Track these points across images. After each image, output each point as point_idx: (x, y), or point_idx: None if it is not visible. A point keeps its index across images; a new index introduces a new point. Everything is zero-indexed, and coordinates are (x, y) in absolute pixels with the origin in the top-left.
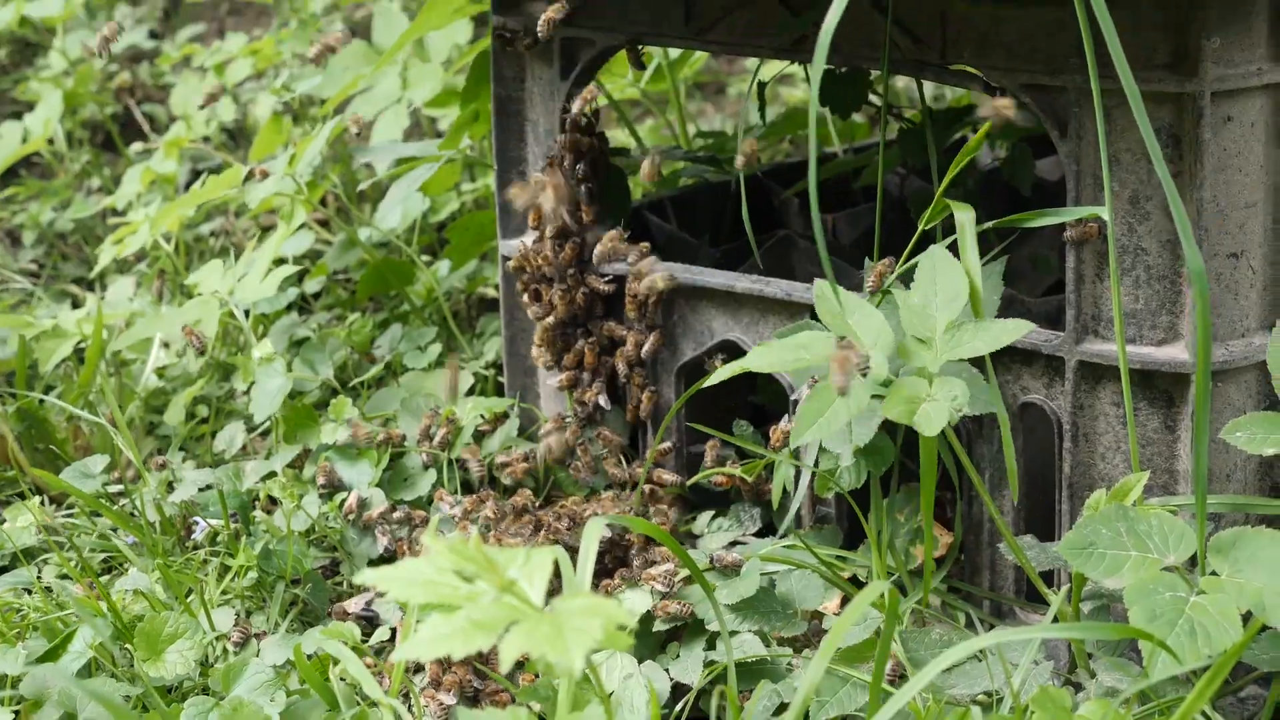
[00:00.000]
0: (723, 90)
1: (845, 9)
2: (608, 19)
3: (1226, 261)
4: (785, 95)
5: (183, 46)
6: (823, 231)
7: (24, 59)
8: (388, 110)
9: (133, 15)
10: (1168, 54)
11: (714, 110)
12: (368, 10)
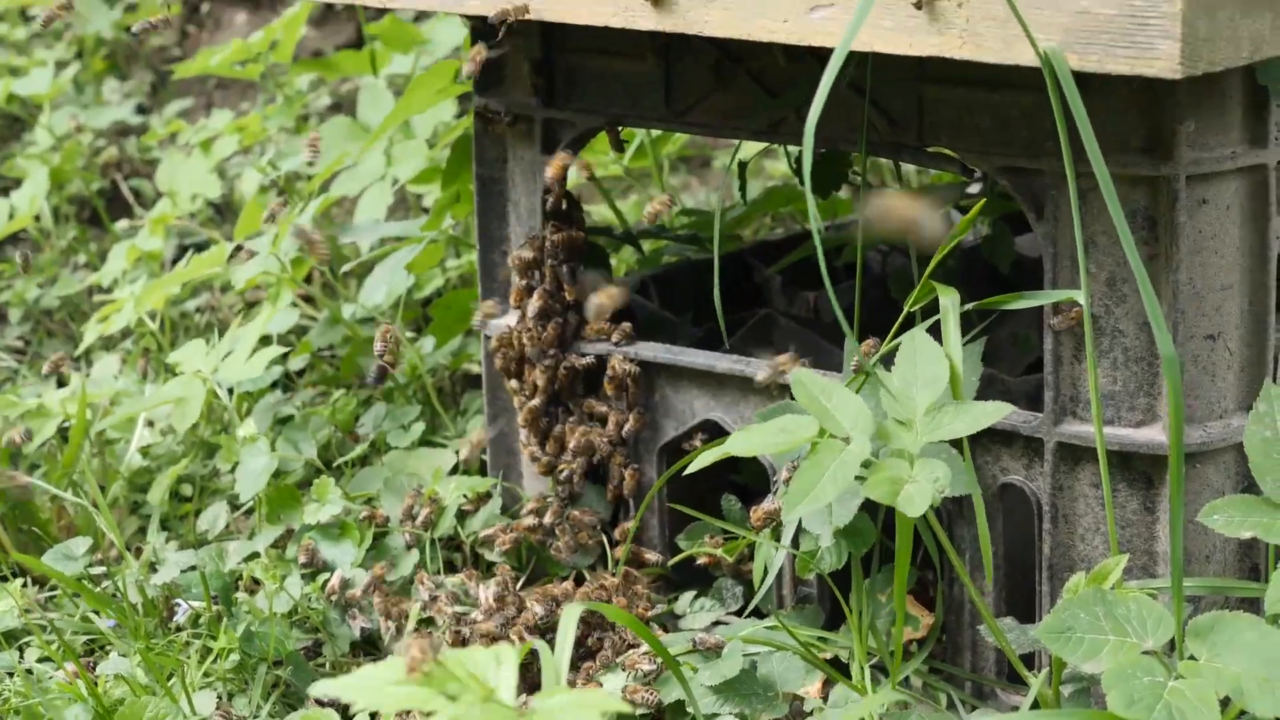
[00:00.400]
0: (707, 164)
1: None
2: (588, 101)
3: (1204, 343)
4: (769, 169)
5: (169, 122)
6: (804, 310)
7: (11, 134)
8: (372, 187)
9: (121, 90)
10: (1143, 138)
11: (698, 183)
12: (354, 84)
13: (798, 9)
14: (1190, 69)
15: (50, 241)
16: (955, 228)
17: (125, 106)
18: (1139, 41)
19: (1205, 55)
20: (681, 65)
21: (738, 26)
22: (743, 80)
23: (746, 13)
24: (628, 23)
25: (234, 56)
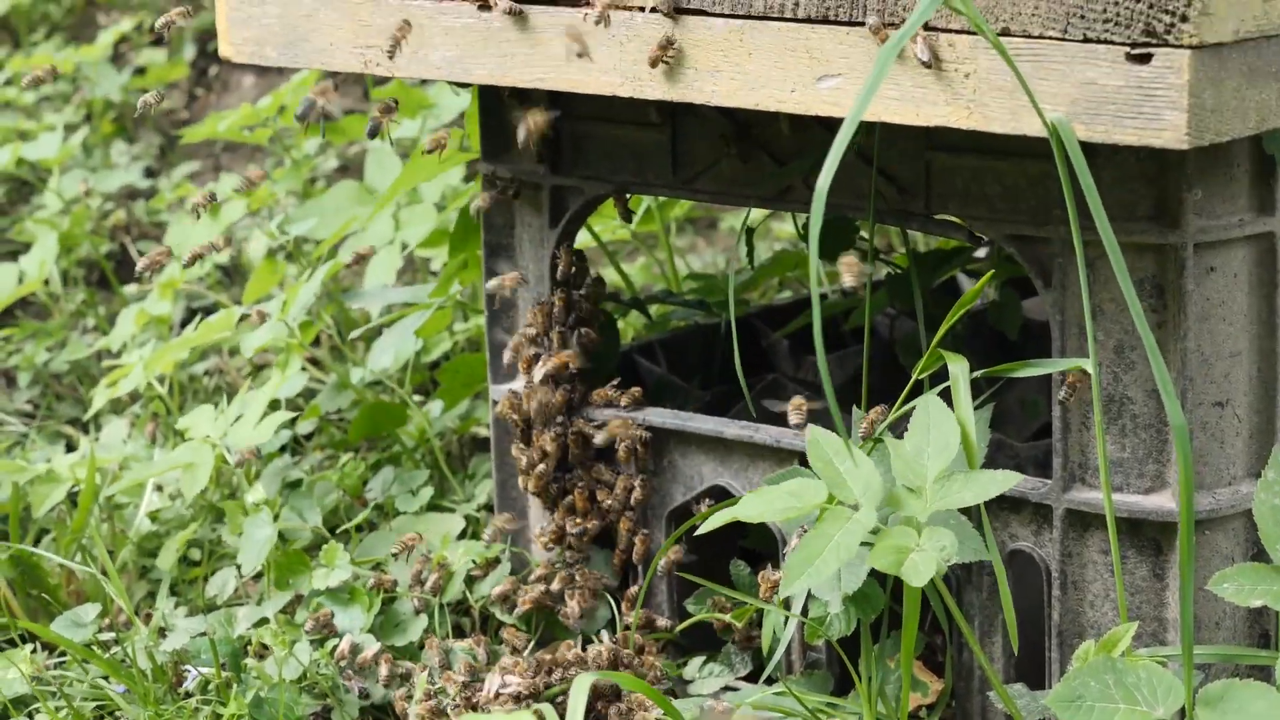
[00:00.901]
0: (714, 225)
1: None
2: (595, 168)
3: (1212, 410)
4: (775, 230)
5: (177, 186)
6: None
7: (20, 197)
8: (380, 251)
9: (129, 152)
10: (1150, 206)
11: (705, 245)
12: (361, 147)
13: (805, 79)
14: (1197, 140)
15: (59, 305)
16: (964, 296)
17: (134, 170)
18: (1146, 112)
19: (1212, 126)
20: (688, 133)
21: (745, 96)
22: (750, 148)
23: (754, 83)
24: (635, 92)
25: (242, 121)
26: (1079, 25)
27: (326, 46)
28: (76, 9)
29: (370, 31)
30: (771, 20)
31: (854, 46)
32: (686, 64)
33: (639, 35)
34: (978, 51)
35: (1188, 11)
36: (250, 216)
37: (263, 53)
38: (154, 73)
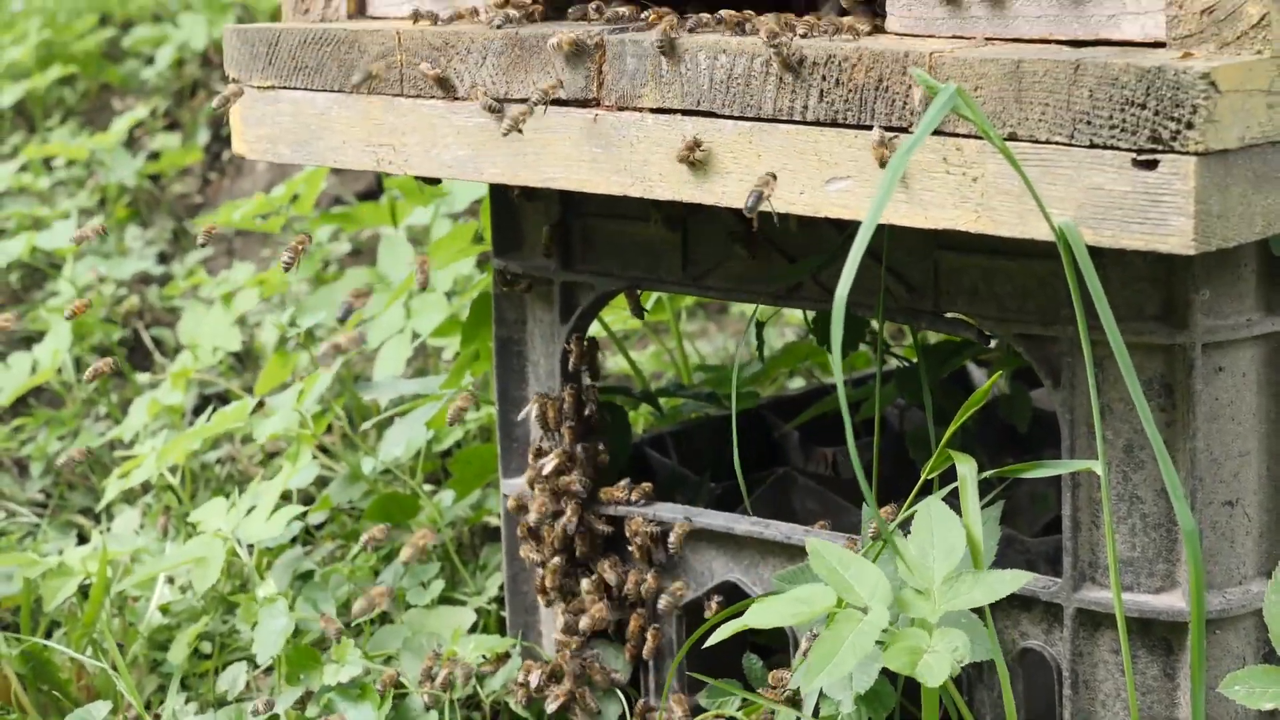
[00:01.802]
0: (725, 309)
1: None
2: (606, 264)
3: (1222, 509)
4: (787, 316)
5: (190, 273)
6: (823, 466)
7: (34, 283)
8: (392, 339)
9: (143, 237)
10: (1158, 306)
11: (716, 330)
12: (375, 232)
13: (814, 181)
14: (1204, 246)
15: (72, 394)
16: (973, 397)
17: (147, 256)
18: (1152, 218)
19: (1219, 232)
20: (698, 230)
21: None
22: (760, 246)
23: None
24: (645, 193)
25: (256, 210)
26: (1085, 131)
27: (339, 145)
28: (91, 94)
29: (382, 130)
30: (781, 123)
31: (862, 150)
32: (696, 165)
33: (649, 136)
34: (985, 156)
35: (1193, 119)
36: (263, 302)
37: (276, 150)
38: (168, 157)
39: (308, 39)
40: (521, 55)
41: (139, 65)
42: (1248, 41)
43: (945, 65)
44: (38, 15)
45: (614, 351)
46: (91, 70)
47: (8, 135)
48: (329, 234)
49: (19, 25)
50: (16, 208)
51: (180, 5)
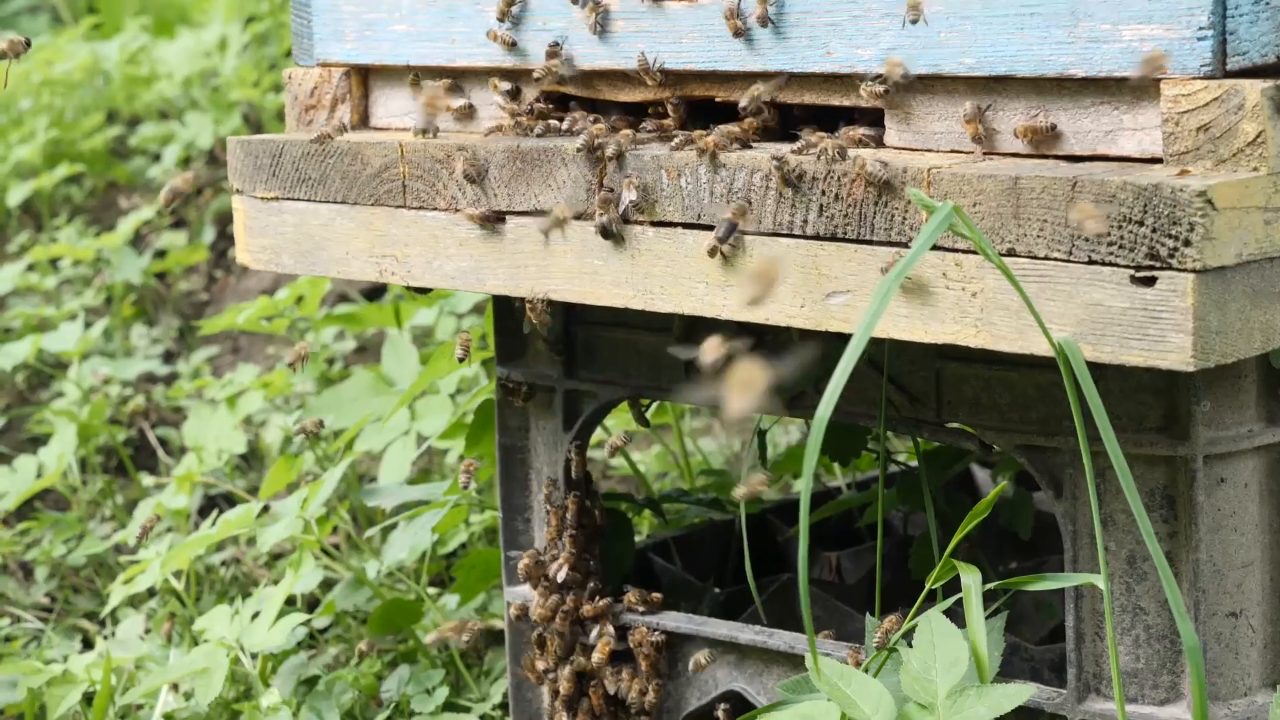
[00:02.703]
0: None
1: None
2: (609, 373)
3: (1225, 621)
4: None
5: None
6: (827, 570)
7: (40, 382)
8: (396, 442)
9: (149, 335)
10: (1159, 417)
11: (720, 427)
12: (380, 331)
13: (814, 295)
14: (1203, 362)
15: (77, 496)
16: (975, 509)
17: (153, 357)
18: (1151, 335)
19: (1218, 348)
20: (700, 339)
21: (755, 311)
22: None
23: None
24: (647, 305)
25: (260, 313)
26: (1084, 247)
27: (342, 256)
28: (98, 191)
29: (385, 241)
30: (781, 237)
31: (862, 264)
32: (697, 278)
33: (650, 249)
34: (985, 271)
35: (1190, 236)
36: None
37: (279, 260)
38: (174, 256)
39: (311, 151)
40: (523, 168)
41: (145, 163)
42: (1244, 158)
43: (943, 181)
44: (45, 113)
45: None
46: (98, 168)
47: (15, 234)
48: (335, 333)
49: (27, 123)
50: (23, 307)
51: (187, 103)
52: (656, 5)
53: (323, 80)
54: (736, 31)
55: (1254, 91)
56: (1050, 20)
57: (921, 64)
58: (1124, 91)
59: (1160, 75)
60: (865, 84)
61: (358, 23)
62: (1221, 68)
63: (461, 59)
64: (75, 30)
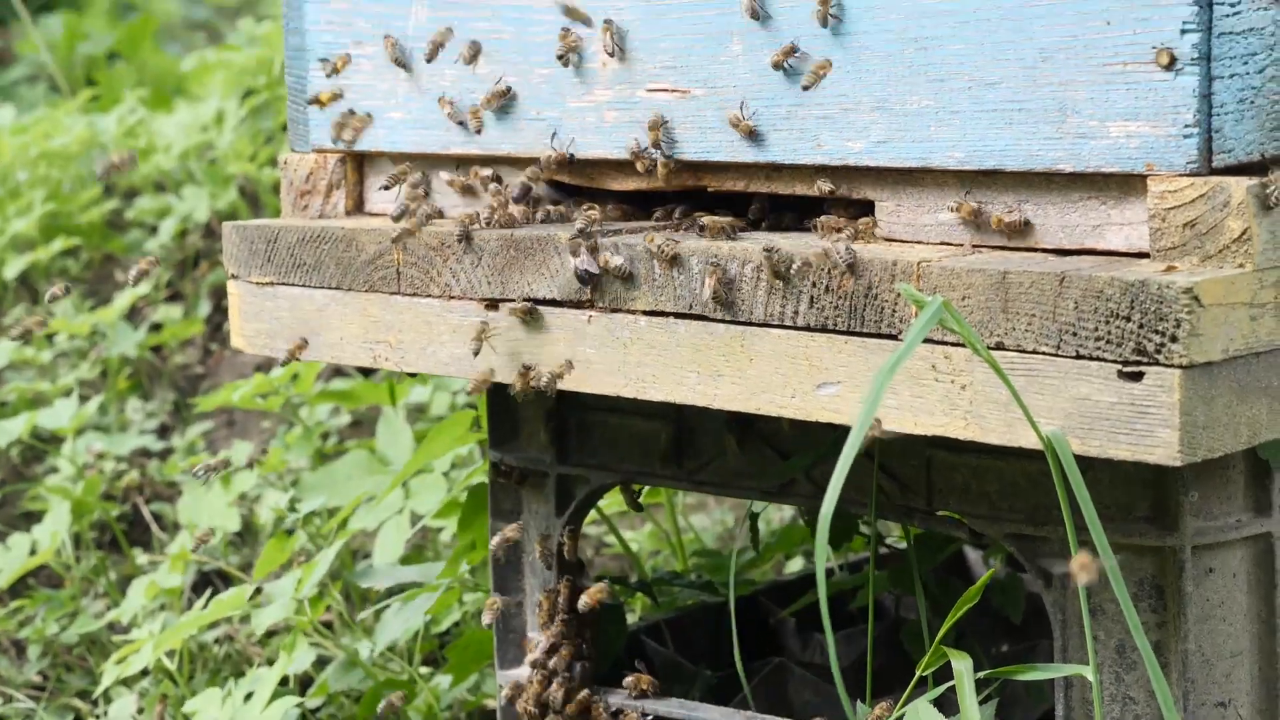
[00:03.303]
0: None
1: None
2: (602, 457)
3: (1214, 711)
4: None
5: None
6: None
7: (34, 456)
8: (390, 520)
9: (144, 409)
10: (1148, 507)
11: (715, 503)
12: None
13: (805, 386)
14: (1190, 457)
15: (70, 574)
16: (966, 594)
17: (148, 431)
18: (1139, 429)
19: (1204, 443)
20: (692, 426)
21: (746, 401)
22: (753, 442)
23: (755, 388)
24: (638, 394)
25: (255, 390)
26: (1072, 342)
27: (336, 341)
28: (94, 263)
29: (379, 327)
30: (772, 328)
31: (853, 355)
32: (688, 368)
33: (641, 339)
34: (974, 364)
35: (1177, 332)
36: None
37: (274, 345)
38: (170, 329)
39: (306, 237)
40: (516, 257)
41: (142, 235)
42: (1230, 255)
43: (933, 274)
44: (42, 186)
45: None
46: (95, 240)
47: (10, 306)
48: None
49: (24, 196)
50: (18, 382)
51: (184, 175)
52: (649, 95)
53: (318, 166)
54: (747, 131)
55: (1239, 189)
56: (1038, 116)
57: (911, 157)
58: (1111, 186)
59: None
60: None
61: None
62: (1207, 165)
63: (455, 147)
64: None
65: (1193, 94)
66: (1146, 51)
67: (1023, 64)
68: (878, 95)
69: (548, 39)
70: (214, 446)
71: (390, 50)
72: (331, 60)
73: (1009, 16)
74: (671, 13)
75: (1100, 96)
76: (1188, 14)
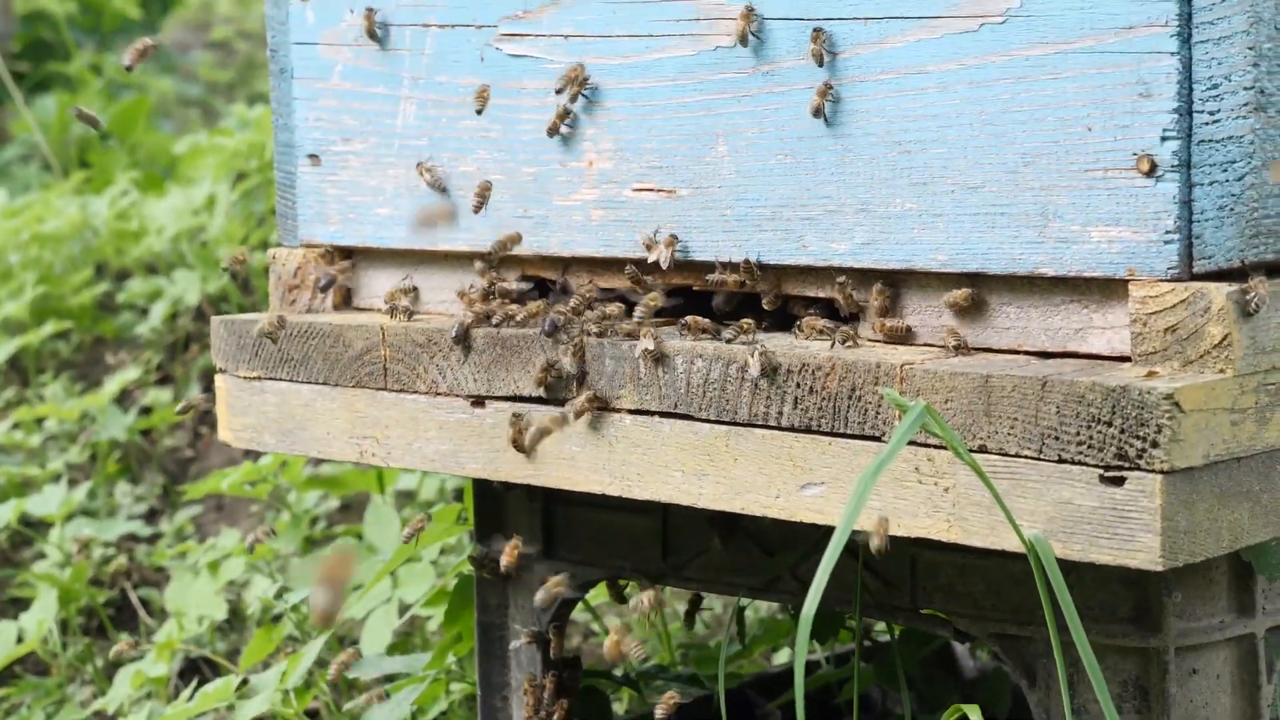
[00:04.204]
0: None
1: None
2: (587, 552)
3: None
4: None
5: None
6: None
7: (22, 540)
8: (377, 610)
9: (132, 493)
10: (1131, 608)
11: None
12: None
13: (789, 486)
14: (1171, 561)
15: (56, 661)
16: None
17: (136, 516)
18: (1121, 534)
19: (1186, 547)
20: (679, 521)
21: (731, 501)
22: (739, 538)
23: (739, 487)
24: (623, 491)
25: (244, 478)
26: (1054, 446)
27: (323, 436)
28: (85, 346)
29: (366, 422)
30: (756, 428)
31: (836, 456)
32: (674, 466)
33: (627, 437)
34: (957, 466)
35: (1158, 438)
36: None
37: (260, 439)
38: (159, 413)
39: (293, 332)
40: (503, 354)
41: (133, 318)
42: (1211, 360)
43: (916, 377)
44: (34, 268)
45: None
46: (85, 323)
47: (1, 389)
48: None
49: (15, 278)
50: (8, 465)
51: (175, 257)
52: (636, 194)
53: (306, 261)
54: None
55: (1219, 295)
56: (1021, 220)
57: (895, 259)
58: (1093, 290)
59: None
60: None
61: (342, 205)
62: (1188, 271)
63: (443, 243)
64: (66, 184)
65: (1173, 200)
66: (1127, 158)
67: (1005, 168)
68: (862, 197)
69: (535, 137)
70: (203, 529)
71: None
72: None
73: (991, 122)
74: (657, 114)
75: (1082, 201)
76: (1168, 121)
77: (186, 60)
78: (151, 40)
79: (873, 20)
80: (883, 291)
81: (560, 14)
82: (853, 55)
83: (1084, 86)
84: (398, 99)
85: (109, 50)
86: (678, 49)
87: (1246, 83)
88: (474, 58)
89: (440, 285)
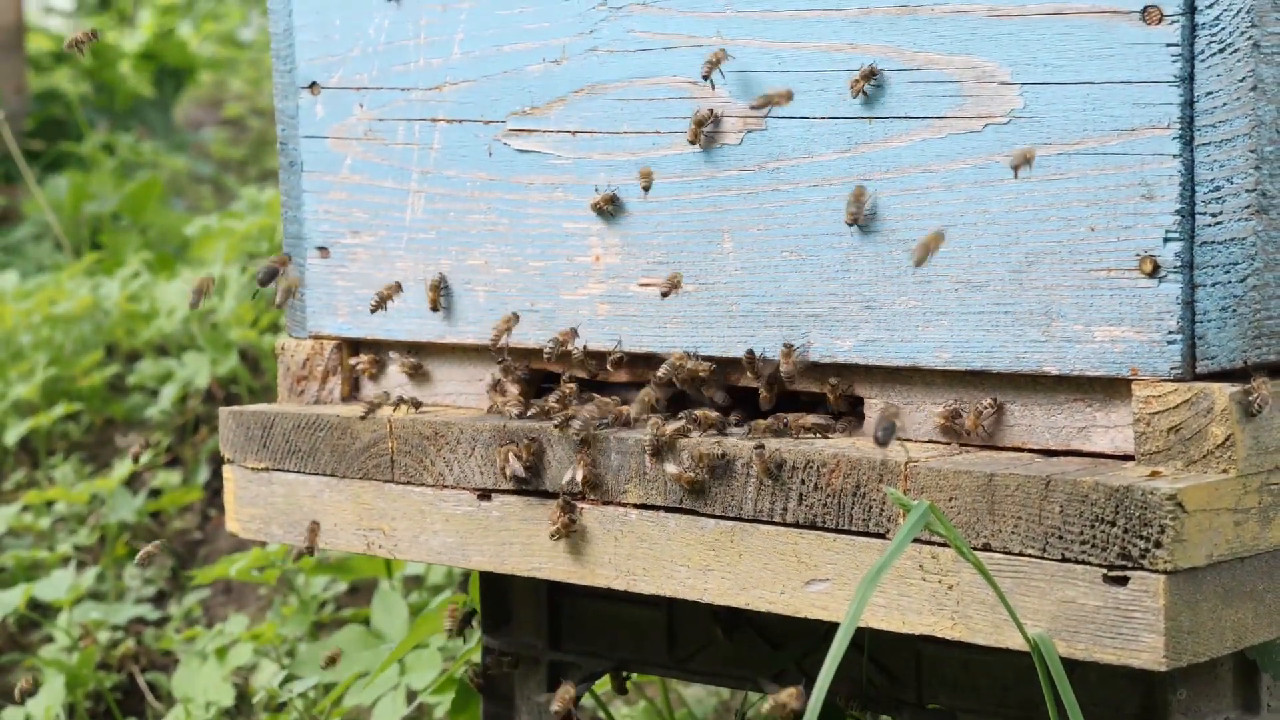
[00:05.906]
0: None
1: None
2: (593, 644)
3: None
4: None
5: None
6: None
7: (31, 623)
8: (385, 697)
9: (141, 576)
10: (1136, 705)
11: None
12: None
13: (794, 583)
14: (1175, 662)
15: None
16: None
17: (144, 599)
18: (1124, 633)
19: (1190, 648)
20: (684, 614)
21: (736, 596)
22: (744, 631)
23: (744, 583)
24: (629, 586)
25: (252, 564)
26: (1057, 545)
27: (330, 528)
28: (95, 428)
29: (373, 514)
30: (761, 524)
31: (841, 553)
32: (679, 561)
33: (633, 531)
34: (961, 565)
35: (1161, 538)
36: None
37: (269, 530)
38: (169, 496)
39: (301, 424)
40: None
41: (143, 400)
42: (1214, 460)
43: (920, 475)
44: (45, 349)
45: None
46: (96, 405)
47: (11, 471)
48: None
49: (27, 360)
50: (17, 549)
51: (186, 339)
52: (641, 290)
53: (314, 353)
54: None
55: (1222, 396)
56: (1024, 319)
57: (899, 356)
58: (1097, 390)
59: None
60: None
61: (351, 298)
62: (1191, 371)
63: (451, 336)
64: (77, 266)
65: (1176, 301)
66: (1130, 259)
67: (1009, 268)
68: (866, 295)
69: (543, 230)
70: (211, 612)
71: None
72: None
73: (996, 221)
74: (664, 210)
75: (1085, 301)
76: (1170, 223)
77: (199, 137)
78: (92, 30)
79: (878, 120)
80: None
81: (567, 110)
82: (858, 154)
83: (1087, 187)
84: (406, 193)
85: (122, 129)
86: (684, 146)
87: (1248, 185)
88: (481, 152)
89: (448, 377)
